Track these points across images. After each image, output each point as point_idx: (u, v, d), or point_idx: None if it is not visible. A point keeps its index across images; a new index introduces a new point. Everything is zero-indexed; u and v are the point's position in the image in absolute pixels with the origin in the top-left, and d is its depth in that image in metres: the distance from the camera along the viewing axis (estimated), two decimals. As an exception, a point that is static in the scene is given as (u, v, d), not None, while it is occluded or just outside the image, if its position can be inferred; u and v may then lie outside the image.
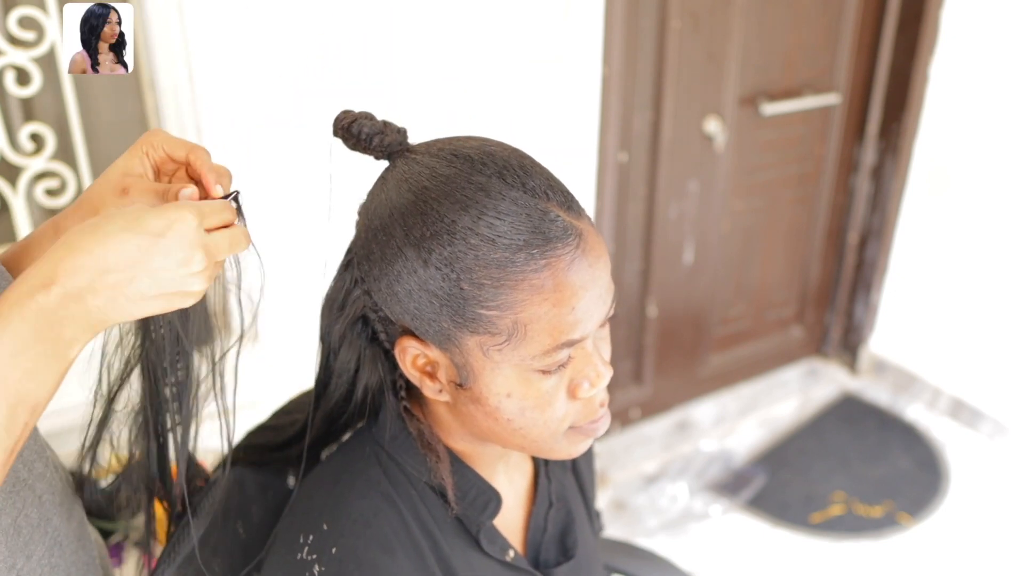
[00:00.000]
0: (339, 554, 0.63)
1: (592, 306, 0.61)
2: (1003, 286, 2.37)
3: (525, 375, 0.62)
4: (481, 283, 0.59)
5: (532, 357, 0.61)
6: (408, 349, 0.65)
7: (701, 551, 2.08)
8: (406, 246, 0.60)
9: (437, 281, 0.59)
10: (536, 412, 0.63)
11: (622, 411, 2.43)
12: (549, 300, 0.59)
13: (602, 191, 1.99)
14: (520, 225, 0.58)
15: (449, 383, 0.65)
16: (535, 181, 0.61)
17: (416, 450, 0.69)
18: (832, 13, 2.26)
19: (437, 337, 0.62)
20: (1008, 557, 2.06)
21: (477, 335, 0.61)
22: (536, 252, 0.58)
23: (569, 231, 0.60)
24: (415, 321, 0.62)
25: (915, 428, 2.51)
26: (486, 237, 0.58)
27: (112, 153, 1.56)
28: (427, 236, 0.59)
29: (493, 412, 0.64)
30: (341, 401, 0.72)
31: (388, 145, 0.64)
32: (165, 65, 1.42)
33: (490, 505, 0.72)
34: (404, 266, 0.60)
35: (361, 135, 0.63)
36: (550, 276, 0.59)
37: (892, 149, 2.43)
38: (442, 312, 0.60)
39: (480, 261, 0.58)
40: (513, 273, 0.58)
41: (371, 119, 0.64)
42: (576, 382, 0.64)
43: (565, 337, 0.60)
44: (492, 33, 1.59)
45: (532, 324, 0.60)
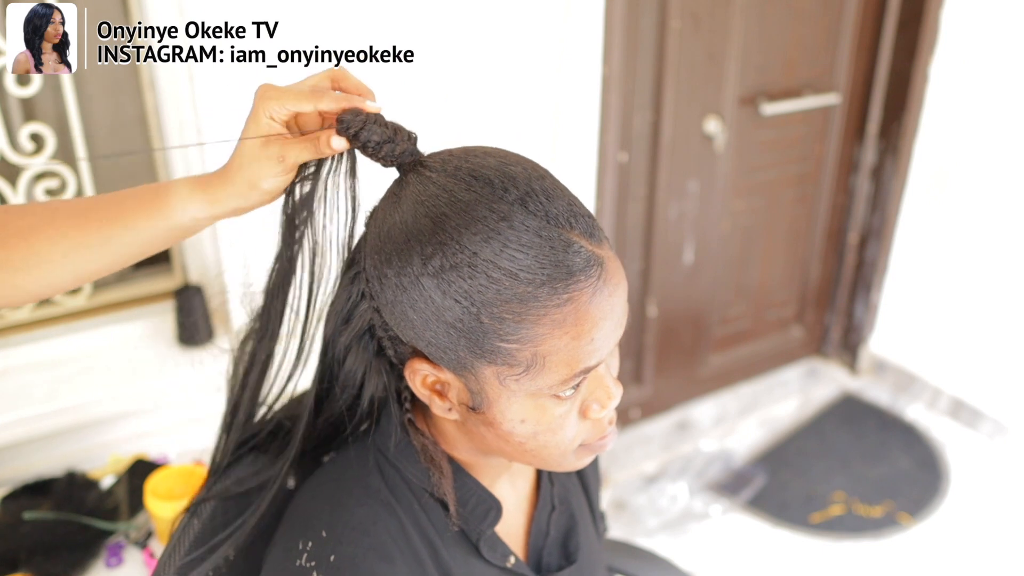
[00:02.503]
0: (337, 562, 0.63)
1: (610, 334, 0.61)
2: (1003, 286, 2.37)
3: (540, 402, 0.61)
4: (502, 317, 0.57)
5: (549, 386, 0.60)
6: (419, 371, 0.64)
7: (701, 551, 2.08)
8: (424, 275, 0.57)
9: (456, 313, 0.58)
10: (548, 435, 0.63)
11: (622, 411, 2.43)
12: (569, 333, 0.58)
13: (602, 191, 1.99)
14: (543, 259, 0.56)
15: (460, 405, 0.64)
16: (558, 207, 0.58)
17: (418, 459, 0.69)
18: (832, 13, 2.26)
19: (452, 364, 0.61)
20: (1008, 557, 2.06)
21: (495, 365, 0.59)
22: (559, 287, 0.57)
23: (591, 262, 0.58)
24: (429, 347, 0.61)
25: (915, 428, 2.51)
26: (508, 271, 0.56)
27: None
28: (447, 268, 0.57)
29: (505, 436, 0.63)
30: (346, 409, 0.71)
31: (399, 155, 0.61)
32: (165, 65, 1.42)
33: (490, 514, 0.72)
34: (420, 295, 0.58)
35: (369, 144, 0.60)
36: (572, 311, 0.58)
37: (892, 149, 2.43)
38: (459, 343, 0.59)
39: (502, 296, 0.57)
40: (536, 308, 0.57)
41: (381, 124, 0.61)
42: (588, 403, 0.64)
43: (582, 366, 0.60)
44: (492, 33, 1.59)
45: (551, 356, 0.59)
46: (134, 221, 0.63)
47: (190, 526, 0.73)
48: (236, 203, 0.63)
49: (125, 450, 1.46)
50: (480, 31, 1.58)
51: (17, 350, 1.48)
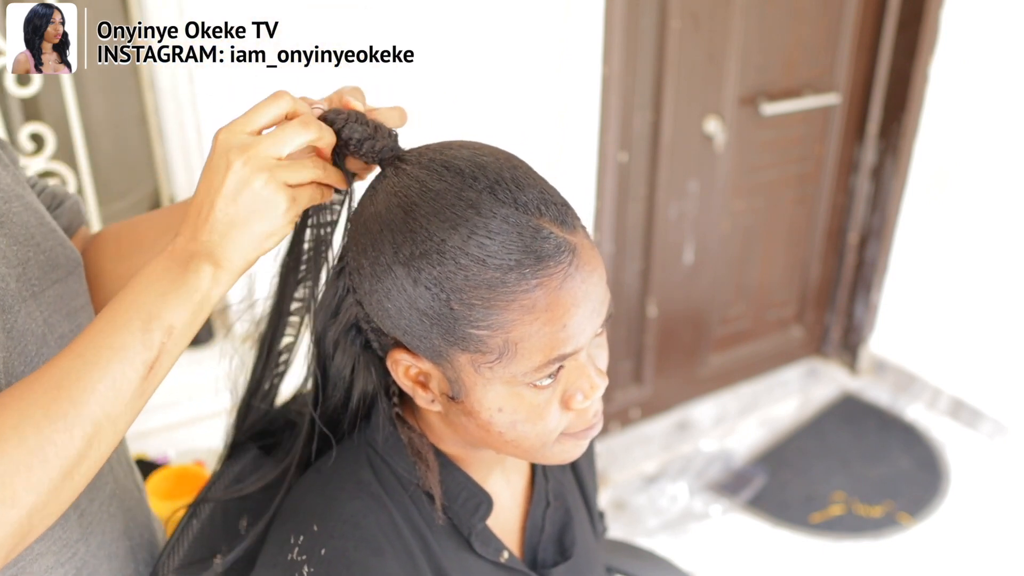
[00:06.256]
0: (328, 555, 0.63)
1: (585, 320, 0.60)
2: (1003, 286, 2.37)
3: (516, 390, 0.61)
4: (471, 303, 0.58)
5: (523, 373, 0.60)
6: (400, 361, 0.64)
7: (701, 551, 2.08)
8: (395, 264, 0.59)
9: (427, 300, 0.59)
10: (528, 425, 0.63)
11: (622, 411, 2.43)
12: (540, 319, 0.58)
13: (602, 191, 1.99)
14: (511, 244, 0.57)
15: (441, 395, 0.65)
16: (528, 195, 0.59)
17: (407, 453, 0.70)
18: (832, 13, 2.26)
19: (428, 352, 0.62)
20: (1008, 557, 2.06)
21: (468, 352, 0.60)
22: (528, 272, 0.57)
23: (562, 248, 0.58)
24: (406, 336, 0.62)
25: (915, 428, 2.51)
26: (476, 257, 0.57)
27: (112, 153, 1.56)
28: (416, 255, 0.58)
29: (485, 425, 0.64)
30: (339, 407, 0.72)
31: (379, 151, 0.62)
32: (165, 65, 1.42)
33: (481, 508, 0.72)
34: (394, 284, 0.59)
35: (351, 141, 0.62)
36: (542, 295, 0.58)
37: (892, 149, 2.43)
38: (432, 330, 0.60)
39: (470, 282, 0.57)
40: (504, 294, 0.58)
41: (362, 122, 0.62)
42: (570, 393, 0.64)
43: (556, 353, 0.60)
44: (492, 33, 1.59)
45: (523, 342, 0.59)
46: None
47: (189, 526, 0.73)
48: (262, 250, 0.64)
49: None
50: (480, 31, 1.58)
51: (17, 350, 1.48)
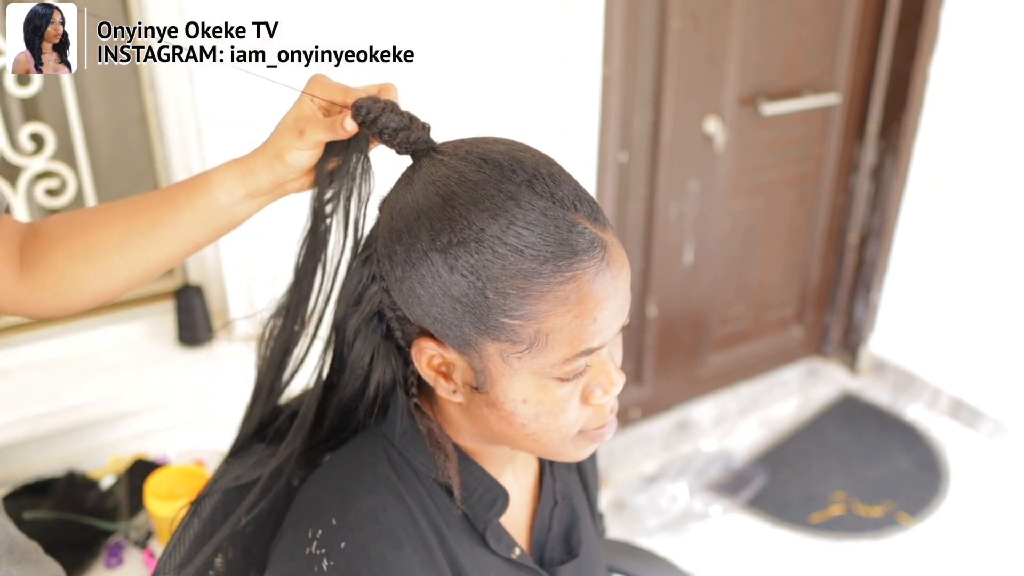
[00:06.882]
0: (348, 548, 0.64)
1: (612, 316, 0.62)
2: (1003, 286, 2.37)
3: (543, 382, 0.62)
4: (507, 293, 0.59)
5: (551, 365, 0.61)
6: (425, 350, 0.65)
7: (701, 551, 2.08)
8: (432, 251, 0.60)
9: (462, 288, 0.60)
10: (550, 418, 0.64)
11: (622, 411, 2.43)
12: (573, 311, 0.60)
13: (602, 191, 1.99)
14: (548, 236, 0.59)
15: (465, 385, 0.65)
16: (563, 191, 0.61)
17: (425, 447, 0.70)
18: (832, 13, 2.26)
19: (456, 341, 0.63)
20: (1008, 557, 2.06)
21: (498, 342, 0.61)
22: (563, 264, 0.59)
23: (595, 244, 0.60)
24: (435, 324, 0.63)
25: (915, 428, 2.51)
26: (514, 247, 0.58)
27: (112, 153, 1.56)
28: (454, 242, 0.59)
29: (508, 416, 0.64)
30: (354, 395, 0.72)
31: (414, 142, 0.64)
32: (165, 65, 1.42)
33: (497, 503, 0.73)
34: (428, 270, 0.60)
35: (386, 131, 0.64)
36: (575, 288, 0.59)
37: (892, 149, 2.43)
38: (464, 318, 0.61)
39: (507, 271, 0.59)
40: (539, 284, 0.59)
41: (397, 112, 0.64)
42: (590, 389, 0.65)
43: (584, 346, 0.61)
44: (492, 33, 1.59)
45: (554, 334, 0.60)
46: (176, 200, 0.71)
47: (190, 525, 0.73)
48: (265, 176, 0.69)
49: (125, 450, 1.46)
50: (480, 31, 1.58)
51: (17, 350, 1.48)
